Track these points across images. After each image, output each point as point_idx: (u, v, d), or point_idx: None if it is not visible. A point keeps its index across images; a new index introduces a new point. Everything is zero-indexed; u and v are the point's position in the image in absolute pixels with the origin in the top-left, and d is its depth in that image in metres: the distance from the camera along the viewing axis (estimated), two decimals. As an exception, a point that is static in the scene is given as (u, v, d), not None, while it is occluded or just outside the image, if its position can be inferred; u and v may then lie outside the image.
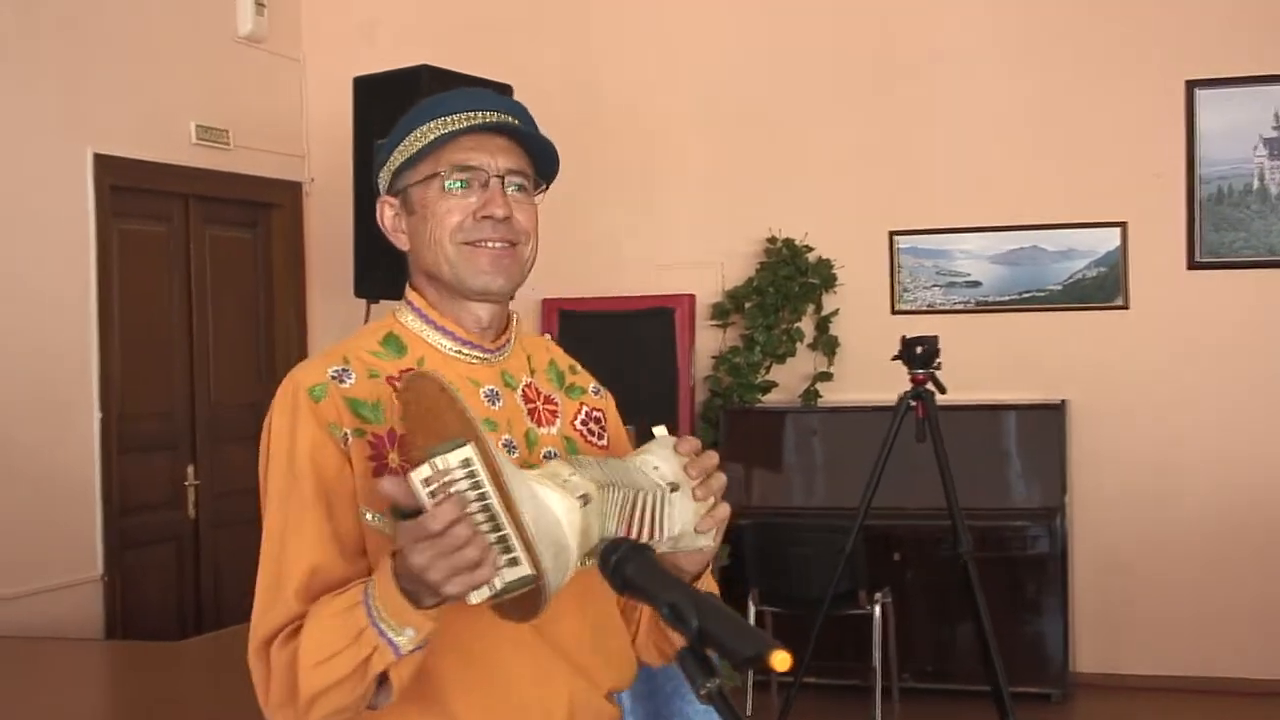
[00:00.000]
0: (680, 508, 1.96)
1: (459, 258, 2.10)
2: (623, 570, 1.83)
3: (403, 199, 2.15)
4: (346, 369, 2.06)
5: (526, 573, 1.76)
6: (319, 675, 1.87)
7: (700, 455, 1.99)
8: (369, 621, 1.84)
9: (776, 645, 1.64)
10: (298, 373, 2.09)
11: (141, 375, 7.15)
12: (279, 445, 2.04)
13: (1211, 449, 7.07)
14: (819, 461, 7.47)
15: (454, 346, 2.14)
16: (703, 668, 1.71)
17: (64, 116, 6.68)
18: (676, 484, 1.96)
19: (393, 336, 2.14)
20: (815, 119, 7.60)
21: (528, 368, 2.22)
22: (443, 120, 2.11)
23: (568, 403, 2.24)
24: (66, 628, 6.46)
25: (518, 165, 2.13)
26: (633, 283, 7.71)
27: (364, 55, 7.46)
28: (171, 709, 4.76)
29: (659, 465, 1.97)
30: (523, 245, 2.13)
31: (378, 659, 1.85)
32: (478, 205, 2.09)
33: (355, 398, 2.04)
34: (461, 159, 2.09)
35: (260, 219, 8.10)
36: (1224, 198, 7.04)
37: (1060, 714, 6.82)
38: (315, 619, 1.90)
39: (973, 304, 7.41)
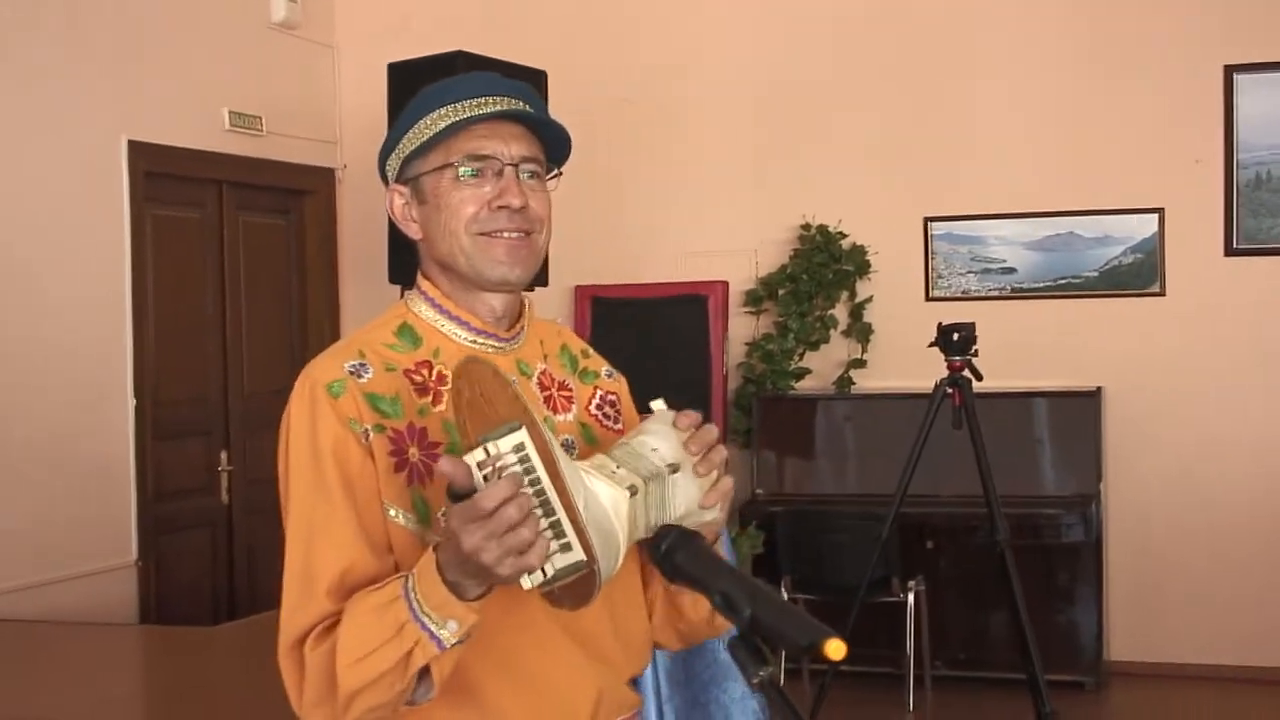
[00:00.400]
0: (683, 487, 1.94)
1: (475, 249, 2.06)
2: (672, 558, 1.82)
3: (413, 187, 2.11)
4: (363, 363, 2.03)
5: (579, 558, 1.75)
6: (358, 672, 1.85)
7: (699, 430, 1.97)
8: (410, 615, 1.81)
9: (831, 633, 1.62)
10: (314, 369, 2.04)
11: (175, 361, 7.17)
12: (299, 443, 2.00)
13: (1248, 436, 7.02)
14: (852, 449, 7.45)
15: (469, 336, 2.11)
16: (755, 656, 1.70)
17: (98, 103, 6.70)
18: (677, 464, 1.93)
19: (407, 327, 2.11)
20: (850, 105, 7.57)
21: (541, 354, 2.19)
22: (453, 107, 2.06)
23: (581, 388, 2.22)
24: (101, 613, 6.49)
25: (531, 152, 2.09)
26: (666, 270, 7.69)
27: (397, 42, 7.45)
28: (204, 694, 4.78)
29: (658, 446, 1.94)
30: (537, 234, 2.10)
31: (420, 653, 1.82)
32: (492, 195, 2.05)
33: (374, 393, 2.01)
34: (474, 148, 2.06)
35: (293, 205, 8.11)
36: (1262, 184, 6.99)
37: (1094, 702, 6.80)
38: (352, 615, 1.88)
39: (1008, 290, 7.37)
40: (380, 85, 6.68)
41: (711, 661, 2.41)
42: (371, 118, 7.30)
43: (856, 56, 7.57)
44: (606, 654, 2.08)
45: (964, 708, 6.77)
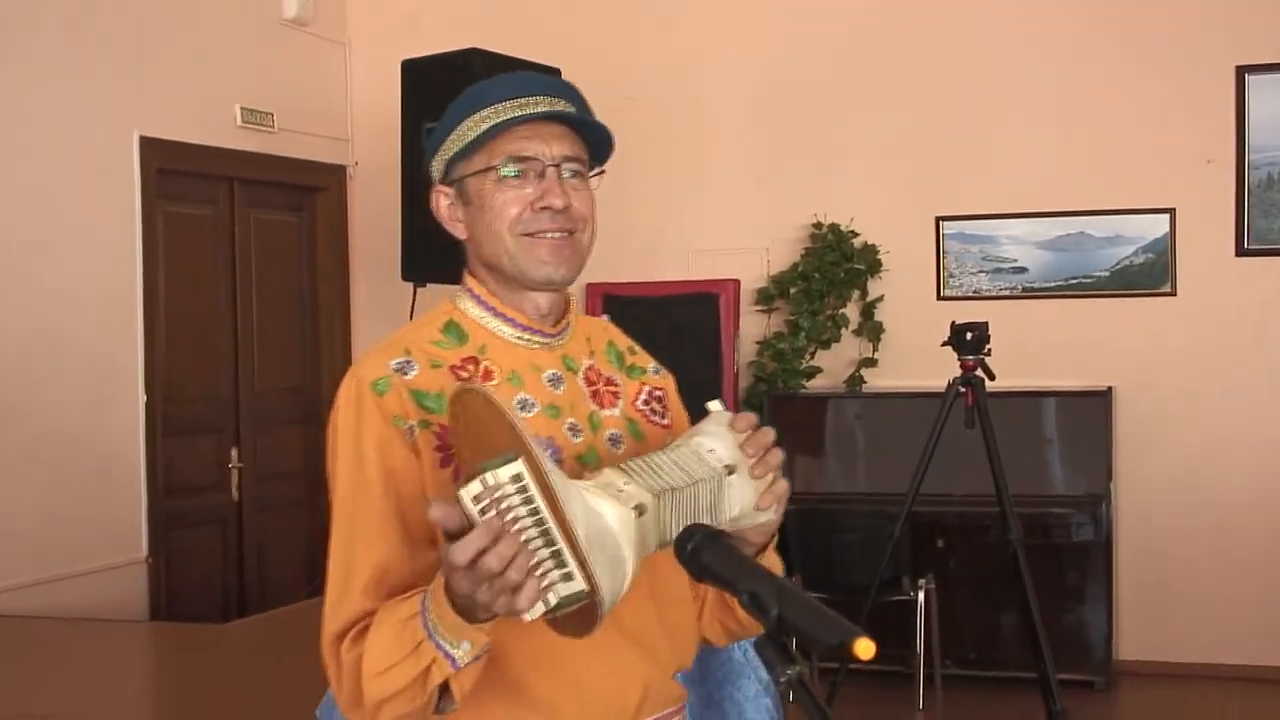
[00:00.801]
0: (738, 489, 1.95)
1: (519, 249, 2.08)
2: (699, 558, 1.81)
3: (458, 189, 2.13)
4: (409, 360, 2.05)
5: (581, 588, 1.74)
6: (381, 684, 1.87)
7: (756, 432, 1.98)
8: (426, 634, 1.84)
9: (860, 633, 1.62)
10: (360, 367, 2.06)
11: (186, 358, 7.18)
12: (345, 441, 2.03)
13: (1259, 437, 7.01)
14: (862, 448, 7.45)
15: (515, 333, 2.13)
16: (782, 656, 1.69)
17: (110, 99, 6.70)
18: (733, 466, 1.94)
19: (453, 324, 2.13)
20: (862, 104, 7.56)
21: (587, 350, 2.21)
22: (494, 108, 2.08)
23: (628, 383, 2.23)
24: (111, 609, 6.50)
25: (573, 151, 2.11)
26: (677, 268, 7.69)
27: (408, 39, 7.47)
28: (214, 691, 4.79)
29: (714, 448, 1.95)
30: (581, 232, 2.12)
31: (436, 671, 1.85)
32: (535, 196, 2.07)
33: (419, 389, 2.03)
34: (516, 149, 2.07)
35: (305, 202, 8.12)
36: (1273, 184, 6.98)
37: (1103, 701, 6.79)
38: (378, 627, 1.90)
39: (1019, 290, 7.36)
40: (391, 82, 6.69)
41: (726, 660, 2.41)
42: (383, 115, 7.32)
43: (869, 56, 7.56)
44: (653, 648, 2.09)
45: (974, 706, 6.77)
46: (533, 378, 2.10)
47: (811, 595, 4.58)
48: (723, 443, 1.96)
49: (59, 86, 6.47)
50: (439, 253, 6.71)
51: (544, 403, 2.09)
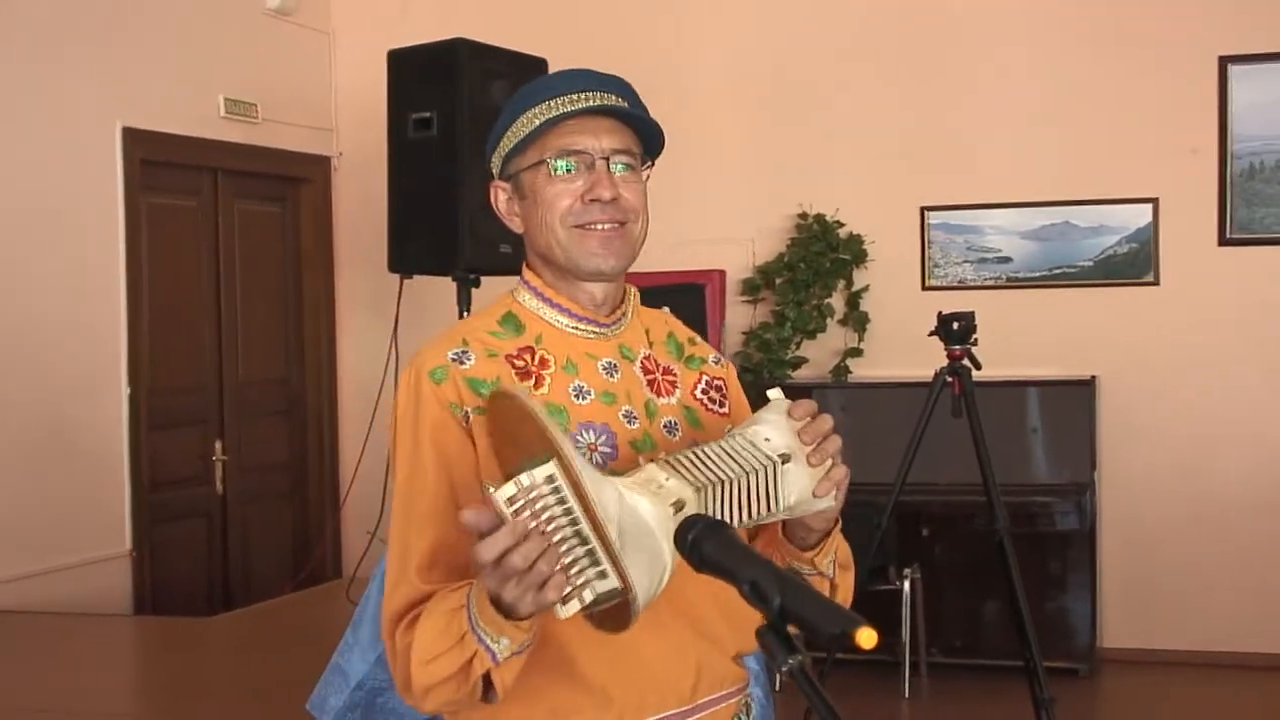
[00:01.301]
0: (795, 476, 1.97)
1: (570, 241, 2.13)
2: (700, 548, 1.82)
3: (514, 184, 2.20)
4: (466, 350, 2.11)
5: (614, 585, 1.77)
6: (429, 672, 1.93)
7: (814, 420, 2.02)
8: (469, 627, 1.88)
9: (862, 622, 1.62)
10: (419, 357, 2.13)
11: (170, 350, 7.16)
12: (404, 428, 2.10)
13: (1242, 425, 7.04)
14: (848, 437, 7.38)
15: (570, 323, 2.18)
16: (785, 646, 1.70)
17: (93, 90, 6.68)
18: (788, 454, 1.97)
19: (511, 316, 2.19)
20: (847, 94, 7.56)
21: (645, 340, 2.25)
22: (547, 104, 2.14)
23: (687, 373, 2.27)
24: (95, 603, 6.49)
25: (623, 144, 2.16)
26: (663, 258, 7.65)
27: (394, 28, 7.44)
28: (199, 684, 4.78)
29: (770, 436, 1.98)
30: (632, 223, 2.16)
31: (478, 663, 1.89)
32: (584, 188, 2.12)
33: (475, 377, 2.08)
34: (567, 143, 2.13)
35: (289, 193, 8.10)
36: (1256, 174, 7.00)
37: (1088, 689, 6.82)
38: (428, 615, 1.96)
39: (1004, 280, 7.38)
40: (376, 72, 6.66)
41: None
42: (368, 105, 7.29)
43: (854, 46, 7.56)
44: (710, 629, 2.13)
45: (960, 695, 6.79)
46: (588, 365, 2.15)
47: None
48: (779, 431, 1.99)
49: (41, 77, 6.45)
50: (426, 244, 6.71)
51: (599, 390, 2.14)
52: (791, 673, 1.68)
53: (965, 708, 6.66)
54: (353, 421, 8.07)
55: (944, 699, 6.80)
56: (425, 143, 6.22)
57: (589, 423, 2.10)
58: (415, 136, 6.29)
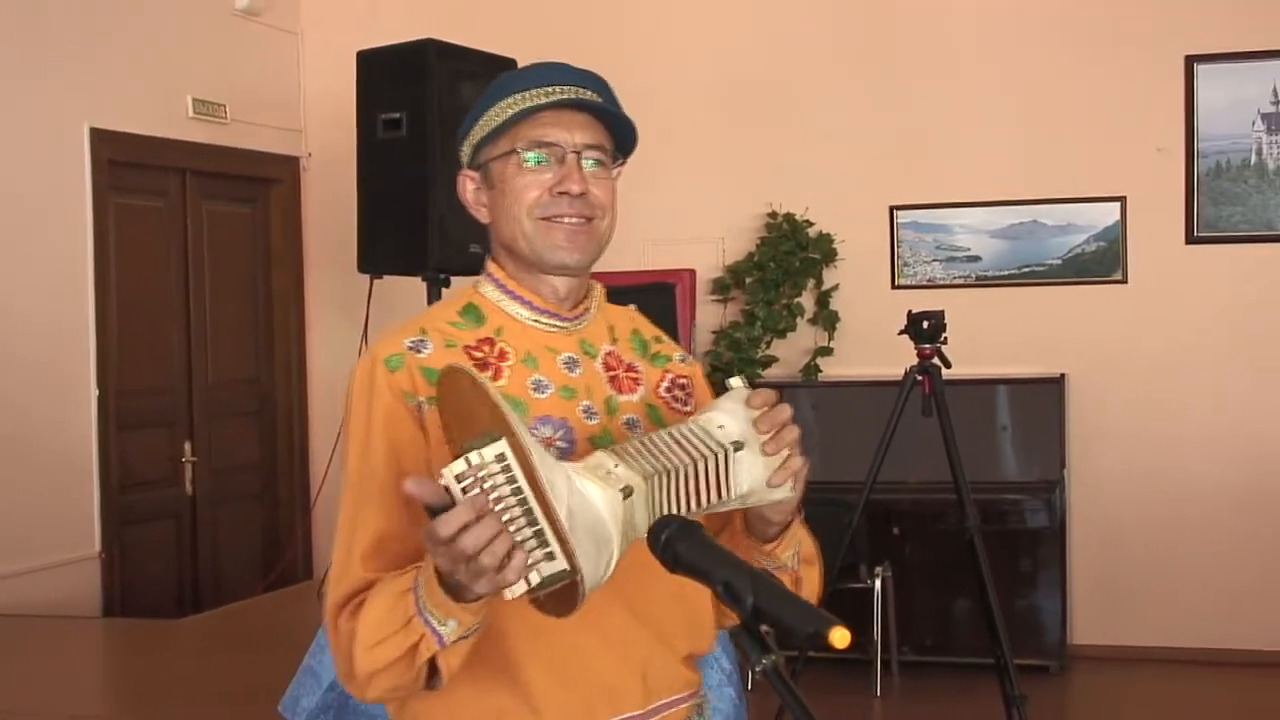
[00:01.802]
0: (748, 464, 1.95)
1: (535, 233, 2.11)
2: (673, 548, 1.81)
3: (483, 173, 2.18)
4: (424, 339, 2.09)
5: (562, 567, 1.75)
6: (372, 657, 1.91)
7: (771, 409, 1.99)
8: (416, 610, 1.86)
9: (836, 621, 1.63)
10: (376, 345, 2.11)
11: (139, 351, 7.13)
12: (357, 416, 2.08)
13: (1209, 422, 7.08)
14: (818, 436, 7.46)
15: (531, 315, 2.16)
16: (759, 646, 1.70)
17: (60, 90, 6.65)
18: (741, 442, 1.94)
19: (472, 307, 2.17)
20: (816, 93, 7.58)
21: (609, 336, 2.23)
22: (521, 95, 2.12)
23: (651, 370, 2.25)
24: (64, 605, 6.46)
25: (595, 140, 2.14)
26: (634, 257, 7.68)
27: (362, 29, 7.43)
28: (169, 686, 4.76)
29: (725, 424, 1.96)
30: (599, 220, 2.14)
31: (424, 647, 1.87)
32: (554, 181, 2.11)
33: (431, 367, 2.05)
34: (539, 135, 2.11)
35: (258, 194, 8.08)
36: (1222, 172, 7.04)
37: (1058, 685, 6.85)
38: (373, 600, 1.94)
39: (973, 278, 7.40)
40: (345, 72, 6.65)
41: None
42: (336, 105, 7.27)
43: (823, 45, 7.58)
44: (663, 627, 2.11)
45: (932, 693, 6.81)
46: (548, 359, 2.13)
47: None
48: (735, 419, 1.96)
49: (9, 77, 6.41)
50: (395, 244, 6.69)
51: (559, 384, 2.12)
52: (766, 673, 1.69)
53: (937, 705, 6.68)
54: (322, 422, 8.05)
55: (915, 697, 6.82)
56: (394, 143, 6.21)
57: (546, 416, 2.08)
58: (384, 137, 6.28)
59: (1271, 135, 6.98)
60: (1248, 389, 7.03)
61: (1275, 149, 6.99)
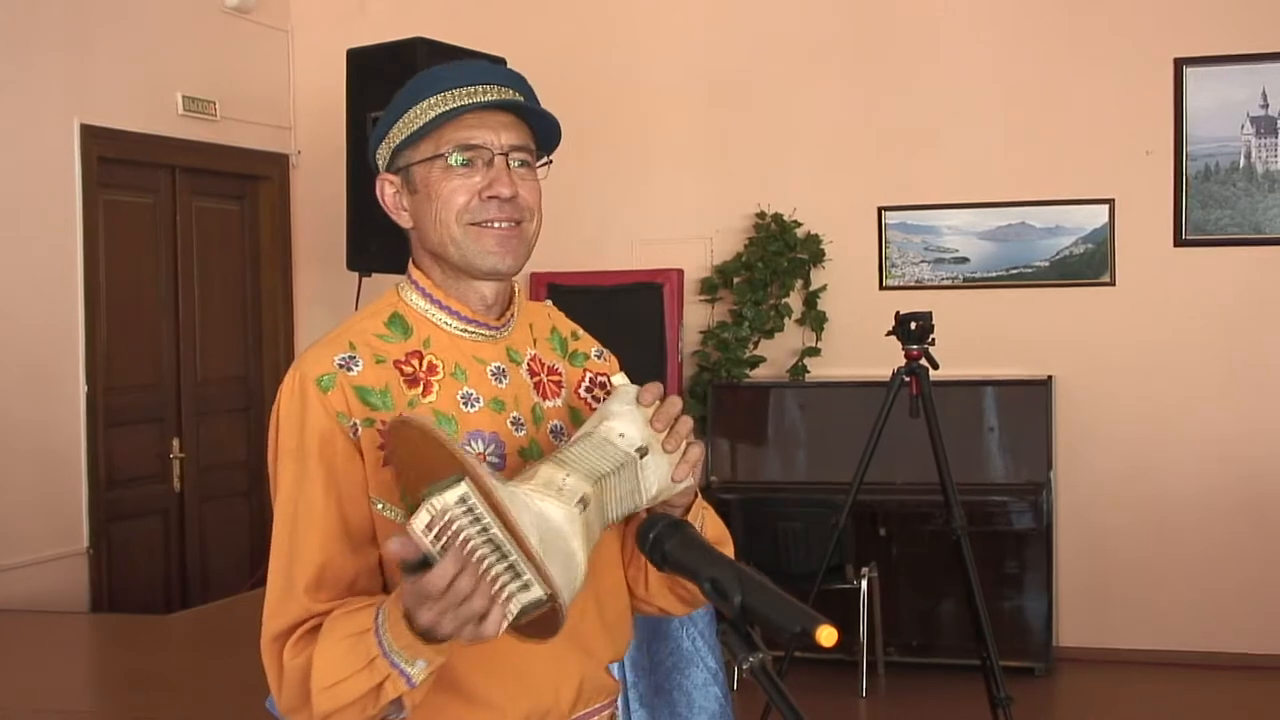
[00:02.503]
0: (653, 467, 1.94)
1: (465, 238, 2.07)
2: (661, 547, 1.83)
3: (404, 177, 2.12)
4: (354, 356, 2.04)
5: (540, 594, 1.76)
6: (332, 696, 1.88)
7: (663, 405, 1.96)
8: (380, 651, 1.84)
9: (822, 620, 1.65)
10: (304, 362, 2.05)
11: (127, 348, 7.13)
12: (288, 437, 2.02)
13: (1196, 425, 7.10)
14: (805, 437, 7.48)
15: (459, 325, 2.12)
16: (745, 643, 1.71)
17: (50, 86, 6.65)
18: (645, 447, 1.93)
19: (397, 317, 2.12)
20: (805, 94, 7.59)
21: (530, 338, 2.21)
22: (442, 96, 2.07)
23: (571, 371, 2.24)
24: (52, 601, 6.46)
25: (521, 140, 2.10)
26: (621, 257, 7.70)
27: (352, 27, 7.45)
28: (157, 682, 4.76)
29: (624, 431, 1.93)
30: (528, 222, 2.11)
31: (390, 687, 1.85)
32: (482, 184, 2.06)
33: (363, 386, 2.02)
34: (464, 137, 2.06)
35: (247, 191, 8.08)
36: (1211, 175, 7.05)
37: (1044, 688, 6.86)
38: (327, 639, 1.90)
39: (961, 280, 7.42)
40: (335, 70, 6.66)
41: (675, 649, 2.42)
42: (326, 103, 7.29)
43: (813, 47, 7.59)
44: (589, 642, 2.10)
45: (917, 693, 6.82)
46: (477, 371, 2.10)
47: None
48: (632, 423, 1.95)
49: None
50: (385, 242, 6.70)
51: (488, 397, 2.09)
52: (753, 670, 1.70)
53: (922, 707, 6.69)
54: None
55: (901, 698, 6.83)
56: (384, 141, 6.21)
57: (478, 431, 2.06)
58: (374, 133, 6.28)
59: (1260, 138, 7.00)
60: (1235, 391, 7.05)
61: (1264, 152, 7.01)
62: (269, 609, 2.00)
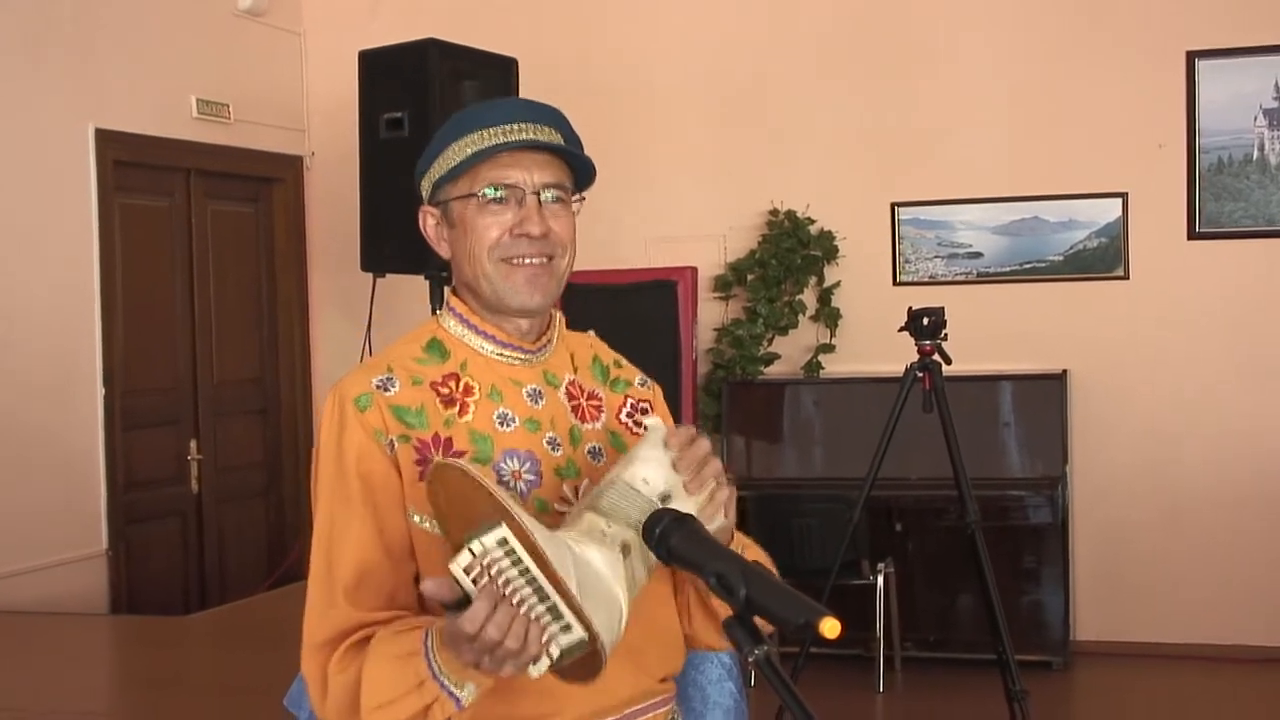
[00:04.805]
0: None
1: (496, 275, 2.13)
2: (667, 541, 1.84)
3: (444, 211, 2.19)
4: (391, 377, 2.11)
5: (580, 637, 1.79)
6: (379, 716, 1.92)
7: (689, 447, 1.99)
8: (430, 674, 1.88)
9: (826, 612, 1.66)
10: (343, 384, 2.12)
11: (144, 350, 7.16)
12: (327, 455, 2.09)
13: (1211, 418, 7.09)
14: (820, 433, 7.48)
15: (495, 349, 2.17)
16: (750, 636, 1.72)
17: (65, 91, 6.68)
18: (669, 493, 1.95)
19: (436, 342, 2.18)
20: (817, 90, 7.59)
21: (570, 365, 2.25)
22: (480, 134, 2.13)
23: (612, 396, 2.27)
24: (71, 602, 6.49)
25: (555, 179, 2.16)
26: (635, 255, 7.70)
27: (364, 29, 7.47)
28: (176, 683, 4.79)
29: (648, 477, 1.96)
30: (559, 258, 2.17)
31: (439, 709, 1.89)
32: (514, 222, 2.12)
33: (399, 405, 2.08)
34: (498, 176, 2.12)
35: (261, 194, 8.10)
36: (1224, 168, 7.05)
37: (1061, 681, 6.86)
38: (375, 658, 1.94)
39: (974, 275, 7.41)
40: (348, 72, 6.67)
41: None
42: (339, 105, 7.30)
43: (824, 43, 7.59)
44: (642, 659, 2.14)
45: (934, 688, 6.83)
46: (512, 392, 2.15)
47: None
48: (656, 467, 1.97)
49: (13, 80, 6.44)
50: (399, 244, 6.72)
51: (523, 417, 2.13)
52: (757, 662, 1.71)
53: (939, 701, 6.69)
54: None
55: (917, 692, 6.83)
56: (397, 143, 6.23)
57: (513, 450, 2.10)
58: (387, 136, 6.30)
59: (1273, 130, 6.99)
60: (1250, 384, 7.04)
61: (1277, 144, 7.00)
62: (310, 620, 2.05)
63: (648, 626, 2.11)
